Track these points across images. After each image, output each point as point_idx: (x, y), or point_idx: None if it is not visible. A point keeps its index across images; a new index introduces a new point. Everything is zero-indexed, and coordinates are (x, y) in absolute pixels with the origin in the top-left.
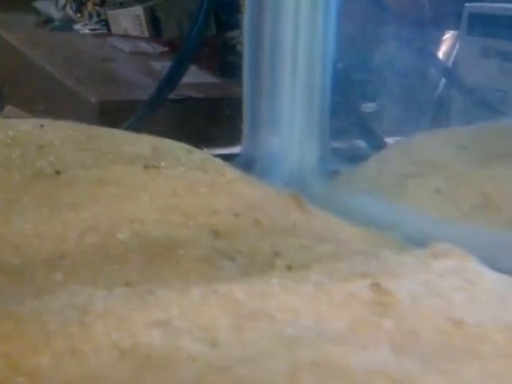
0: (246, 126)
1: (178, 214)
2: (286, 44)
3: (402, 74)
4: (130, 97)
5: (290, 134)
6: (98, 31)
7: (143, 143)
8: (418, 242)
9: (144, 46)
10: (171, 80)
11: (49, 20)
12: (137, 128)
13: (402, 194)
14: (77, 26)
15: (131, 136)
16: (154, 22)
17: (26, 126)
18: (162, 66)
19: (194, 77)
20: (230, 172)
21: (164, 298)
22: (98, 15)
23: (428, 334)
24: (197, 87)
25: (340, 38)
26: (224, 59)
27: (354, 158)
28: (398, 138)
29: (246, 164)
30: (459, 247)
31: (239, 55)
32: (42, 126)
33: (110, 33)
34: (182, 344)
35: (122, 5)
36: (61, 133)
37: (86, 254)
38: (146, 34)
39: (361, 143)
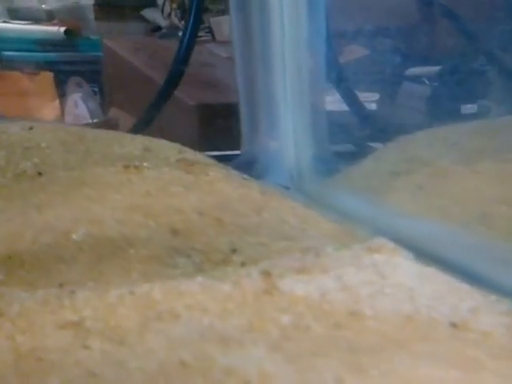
0: (244, 128)
1: (141, 214)
2: (276, 49)
3: None
4: (225, 100)
5: (285, 135)
6: (202, 38)
7: (136, 144)
8: (386, 236)
9: None
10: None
11: (156, 28)
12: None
13: (389, 190)
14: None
15: (126, 137)
16: None
17: (13, 128)
18: None
19: None
20: (215, 172)
21: (82, 300)
22: (202, 22)
23: (320, 329)
24: None
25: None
26: None
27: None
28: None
29: (245, 164)
30: (402, 242)
31: None
32: (30, 128)
33: (213, 39)
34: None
35: (223, 12)
36: (50, 134)
37: (36, 254)
38: None
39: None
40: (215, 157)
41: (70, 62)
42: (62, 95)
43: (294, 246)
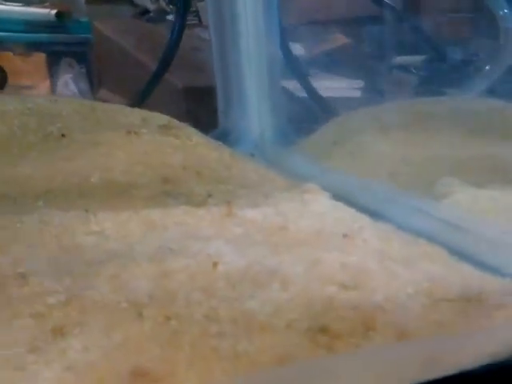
0: (219, 106)
1: (141, 167)
2: (243, 40)
3: None
4: (212, 83)
5: (252, 113)
6: (189, 22)
7: (135, 115)
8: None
9: None
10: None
11: (144, 11)
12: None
13: (329, 156)
14: (170, 17)
15: (127, 109)
16: None
17: (41, 100)
18: None
19: None
20: (198, 138)
21: (102, 218)
22: (190, 7)
23: (259, 236)
24: None
25: None
26: None
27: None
28: None
29: (221, 136)
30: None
31: None
32: (55, 100)
33: (200, 23)
34: (102, 244)
35: None
36: (69, 105)
37: (66, 190)
38: None
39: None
40: None
41: (59, 44)
42: (52, 76)
43: (252, 192)
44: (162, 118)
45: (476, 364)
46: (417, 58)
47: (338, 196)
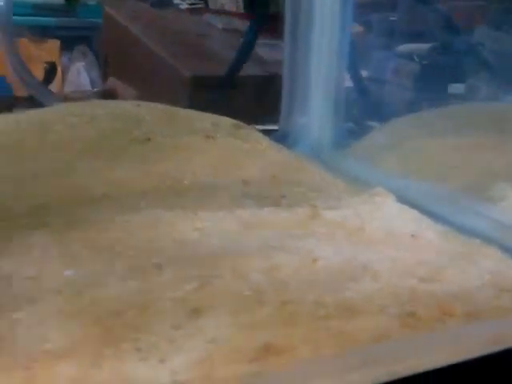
0: (283, 107)
1: (222, 170)
2: (314, 40)
3: None
4: (221, 73)
5: (313, 114)
6: (195, 6)
7: (206, 120)
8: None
9: (237, 24)
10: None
11: None
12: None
13: (381, 160)
14: (176, 1)
15: (198, 114)
16: None
17: (126, 105)
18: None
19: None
20: (266, 142)
21: (202, 216)
22: None
23: (342, 234)
24: None
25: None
26: None
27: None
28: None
29: (281, 137)
30: (387, 191)
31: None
32: (138, 105)
33: (207, 7)
34: (208, 240)
35: None
36: (151, 111)
37: (162, 191)
38: (242, 10)
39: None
40: None
41: (67, 28)
42: (64, 62)
43: (322, 195)
44: (231, 123)
45: None
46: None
47: (400, 199)
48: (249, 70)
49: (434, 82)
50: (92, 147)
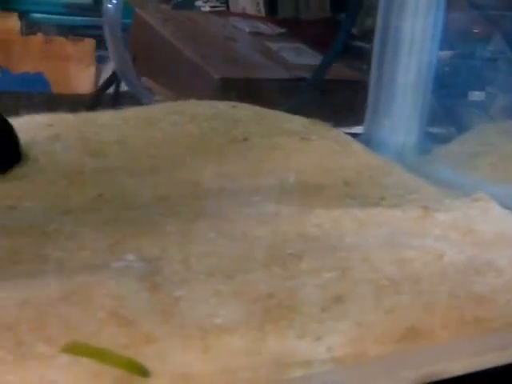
0: (368, 110)
1: (323, 170)
2: (404, 42)
3: None
4: (248, 75)
5: (399, 118)
6: (217, 8)
7: (296, 122)
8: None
9: (262, 27)
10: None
11: None
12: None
13: (469, 166)
14: (198, 3)
15: (287, 116)
16: (271, 0)
17: (221, 106)
18: (278, 47)
19: (308, 58)
20: (356, 145)
21: (317, 213)
22: None
23: (454, 235)
24: (310, 68)
25: None
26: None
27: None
28: None
29: (365, 140)
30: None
31: (352, 37)
32: (234, 106)
33: (228, 10)
34: (330, 235)
35: None
36: (245, 112)
37: (269, 188)
38: (263, 13)
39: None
40: None
41: (96, 27)
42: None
43: (421, 197)
44: (320, 125)
45: None
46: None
47: (501, 204)
48: (272, 73)
49: None
50: (196, 145)
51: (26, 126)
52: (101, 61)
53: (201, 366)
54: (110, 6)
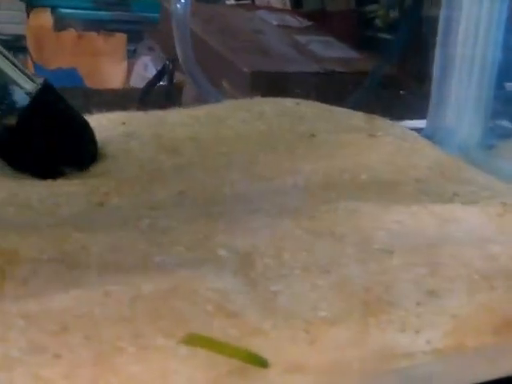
0: (431, 105)
1: (394, 167)
2: (470, 34)
3: None
4: (278, 68)
5: (462, 115)
6: (242, 1)
7: (357, 117)
8: None
9: (290, 20)
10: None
11: None
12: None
13: None
14: None
15: (348, 112)
16: None
17: (287, 103)
18: (306, 40)
19: (337, 51)
20: (421, 140)
21: (396, 209)
22: None
23: None
24: (339, 61)
25: None
26: (362, 33)
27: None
28: None
29: (429, 134)
30: None
31: (377, 29)
32: (297, 103)
33: (253, 3)
34: (412, 231)
35: None
36: (309, 109)
37: (343, 184)
38: (288, 6)
39: None
40: None
41: (125, 22)
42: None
43: (495, 194)
44: (382, 120)
45: None
46: None
47: None
48: (303, 66)
49: None
50: (267, 141)
51: (98, 123)
52: (130, 56)
53: (310, 357)
54: (178, 6)
